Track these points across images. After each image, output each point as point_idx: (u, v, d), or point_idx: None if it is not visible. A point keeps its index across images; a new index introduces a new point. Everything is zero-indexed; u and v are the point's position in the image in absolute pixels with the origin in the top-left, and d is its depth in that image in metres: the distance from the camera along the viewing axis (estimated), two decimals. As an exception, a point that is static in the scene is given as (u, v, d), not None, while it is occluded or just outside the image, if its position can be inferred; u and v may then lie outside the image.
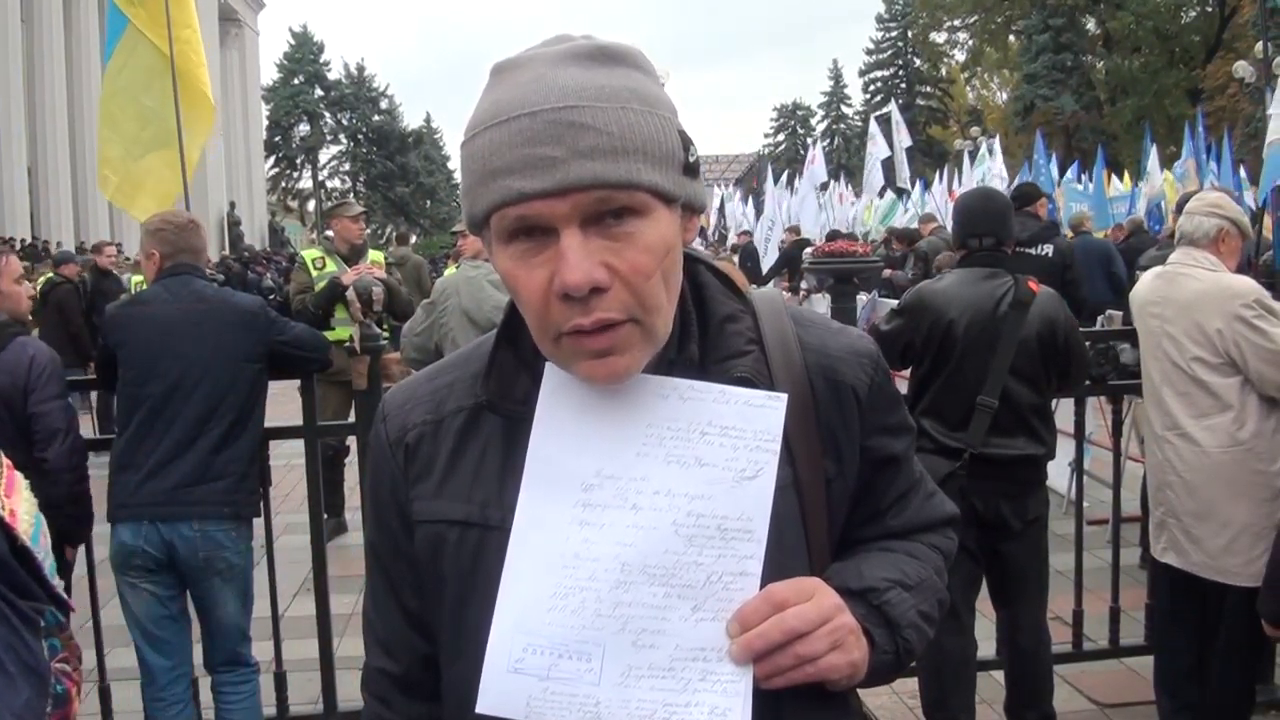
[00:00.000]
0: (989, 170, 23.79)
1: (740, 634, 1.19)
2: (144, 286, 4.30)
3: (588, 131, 1.11)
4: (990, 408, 3.84)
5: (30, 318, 4.64)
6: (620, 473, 1.22)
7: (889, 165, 25.91)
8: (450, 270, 6.64)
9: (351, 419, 6.41)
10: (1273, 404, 3.75)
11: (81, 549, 4.07)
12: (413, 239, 19.11)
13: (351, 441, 6.10)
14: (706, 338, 1.29)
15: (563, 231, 1.12)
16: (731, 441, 1.22)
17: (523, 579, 1.21)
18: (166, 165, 6.57)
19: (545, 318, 1.15)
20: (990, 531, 3.96)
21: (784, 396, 1.24)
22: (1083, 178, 24.44)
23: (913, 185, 27.05)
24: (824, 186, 27.47)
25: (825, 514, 1.32)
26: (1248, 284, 3.89)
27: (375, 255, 7.78)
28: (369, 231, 10.69)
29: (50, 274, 12.70)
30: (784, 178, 30.78)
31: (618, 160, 1.11)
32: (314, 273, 7.36)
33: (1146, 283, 4.16)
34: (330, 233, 7.75)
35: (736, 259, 18.95)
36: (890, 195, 26.97)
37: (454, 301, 5.35)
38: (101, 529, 3.97)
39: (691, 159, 1.19)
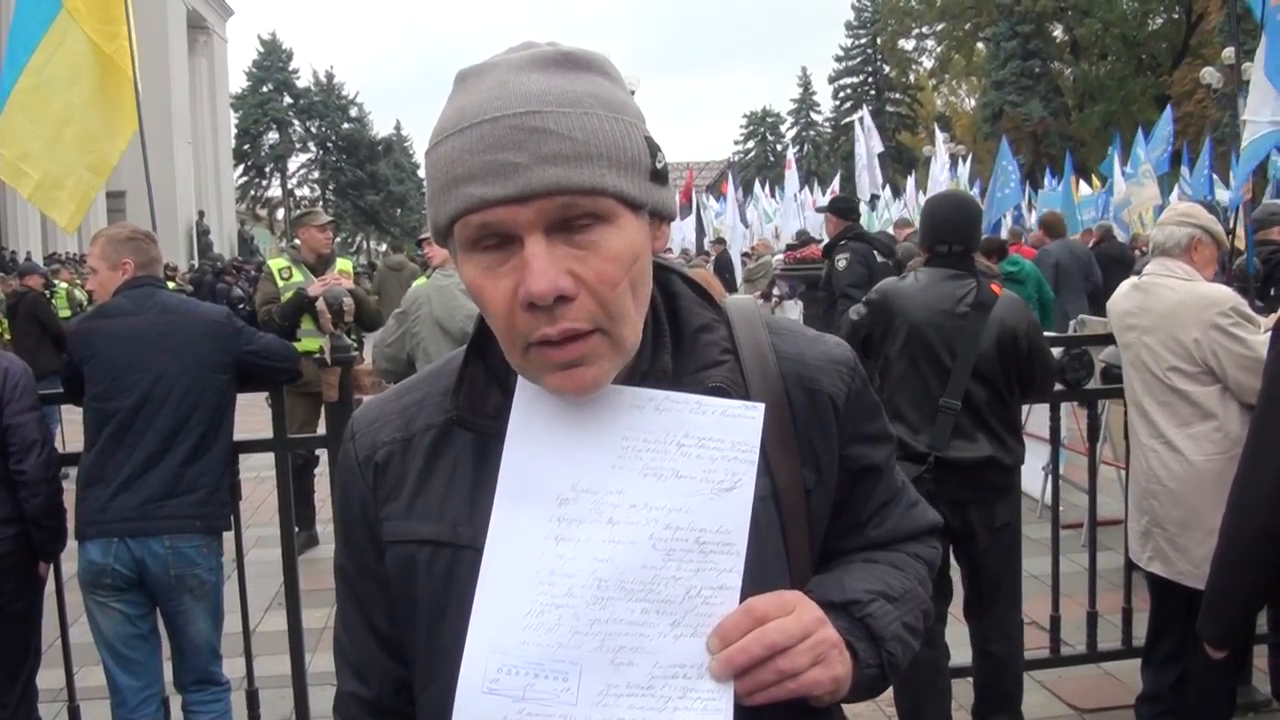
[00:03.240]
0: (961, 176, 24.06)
1: (721, 649, 1.17)
2: (82, 297, 4.24)
3: (550, 137, 1.09)
4: (954, 410, 3.85)
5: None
6: (596, 486, 1.19)
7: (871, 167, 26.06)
8: (420, 280, 6.57)
9: (320, 430, 6.35)
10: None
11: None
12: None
13: (321, 451, 6.03)
14: (680, 348, 1.27)
15: (527, 239, 1.10)
16: (709, 453, 1.20)
17: (496, 597, 1.18)
18: (87, 168, 6.40)
19: (511, 328, 1.13)
20: (960, 541, 3.97)
21: (761, 406, 1.22)
22: (1051, 182, 24.65)
23: (886, 191, 27.22)
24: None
25: (805, 525, 1.30)
26: (1224, 292, 3.91)
27: (343, 264, 7.66)
28: (339, 240, 10.59)
29: (16, 286, 12.63)
30: (762, 185, 30.85)
31: (581, 166, 1.09)
32: (280, 283, 7.26)
33: (1124, 294, 4.18)
34: (298, 242, 7.65)
35: (711, 268, 18.95)
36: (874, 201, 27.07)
37: (425, 311, 5.28)
38: (69, 545, 3.90)
39: (659, 165, 1.17)
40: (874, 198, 27.13)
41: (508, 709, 1.16)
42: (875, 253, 8.79)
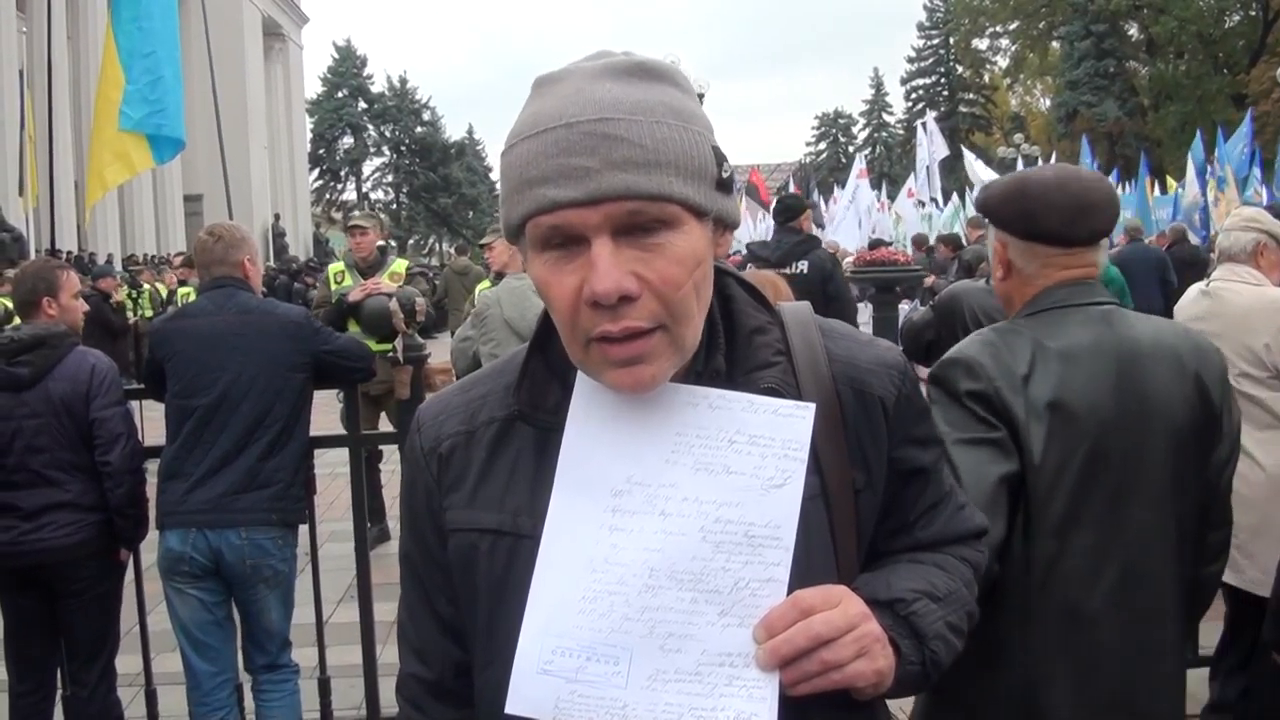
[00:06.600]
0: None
1: (767, 639, 1.20)
2: (164, 295, 4.44)
3: (621, 144, 1.13)
4: None
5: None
6: (650, 479, 1.23)
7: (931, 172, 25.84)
8: (483, 284, 6.75)
9: (385, 427, 6.47)
10: None
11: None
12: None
13: (388, 447, 6.11)
14: (734, 349, 1.30)
15: (594, 241, 1.14)
16: (760, 450, 1.24)
17: (553, 582, 1.23)
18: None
19: (575, 324, 1.18)
20: None
21: (812, 406, 1.25)
22: (1125, 185, 24.22)
23: (945, 199, 26.91)
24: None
25: (854, 524, 1.33)
26: None
27: (398, 265, 7.64)
28: (410, 242, 10.68)
29: (86, 288, 12.80)
30: (841, 187, 30.62)
31: (650, 172, 1.13)
32: (334, 286, 7.40)
33: (1191, 299, 4.13)
34: None
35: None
36: (955, 201, 26.81)
37: (495, 313, 5.34)
38: (150, 536, 4.05)
39: (725, 175, 1.21)
40: (932, 200, 26.87)
41: (560, 689, 1.21)
42: None
